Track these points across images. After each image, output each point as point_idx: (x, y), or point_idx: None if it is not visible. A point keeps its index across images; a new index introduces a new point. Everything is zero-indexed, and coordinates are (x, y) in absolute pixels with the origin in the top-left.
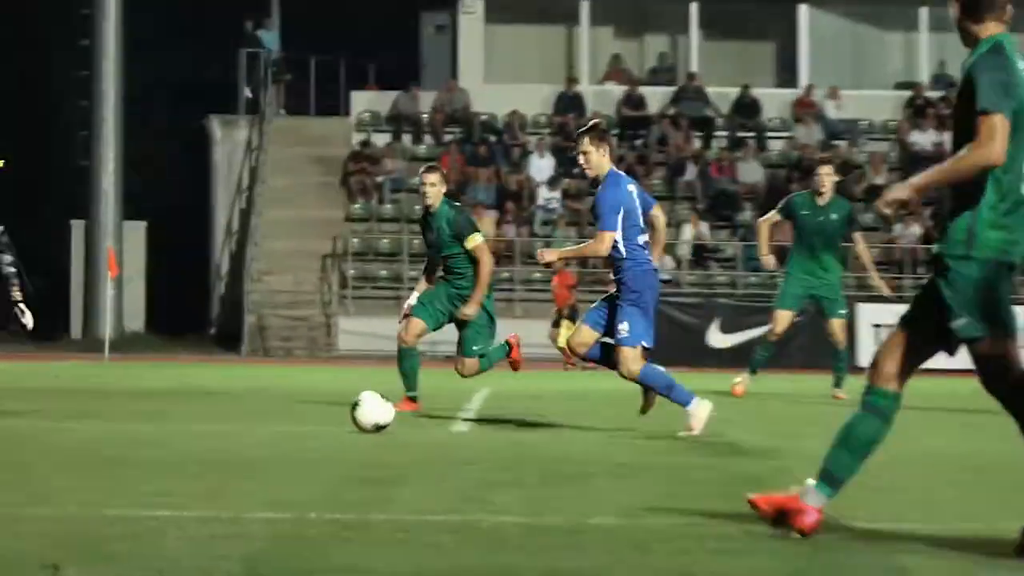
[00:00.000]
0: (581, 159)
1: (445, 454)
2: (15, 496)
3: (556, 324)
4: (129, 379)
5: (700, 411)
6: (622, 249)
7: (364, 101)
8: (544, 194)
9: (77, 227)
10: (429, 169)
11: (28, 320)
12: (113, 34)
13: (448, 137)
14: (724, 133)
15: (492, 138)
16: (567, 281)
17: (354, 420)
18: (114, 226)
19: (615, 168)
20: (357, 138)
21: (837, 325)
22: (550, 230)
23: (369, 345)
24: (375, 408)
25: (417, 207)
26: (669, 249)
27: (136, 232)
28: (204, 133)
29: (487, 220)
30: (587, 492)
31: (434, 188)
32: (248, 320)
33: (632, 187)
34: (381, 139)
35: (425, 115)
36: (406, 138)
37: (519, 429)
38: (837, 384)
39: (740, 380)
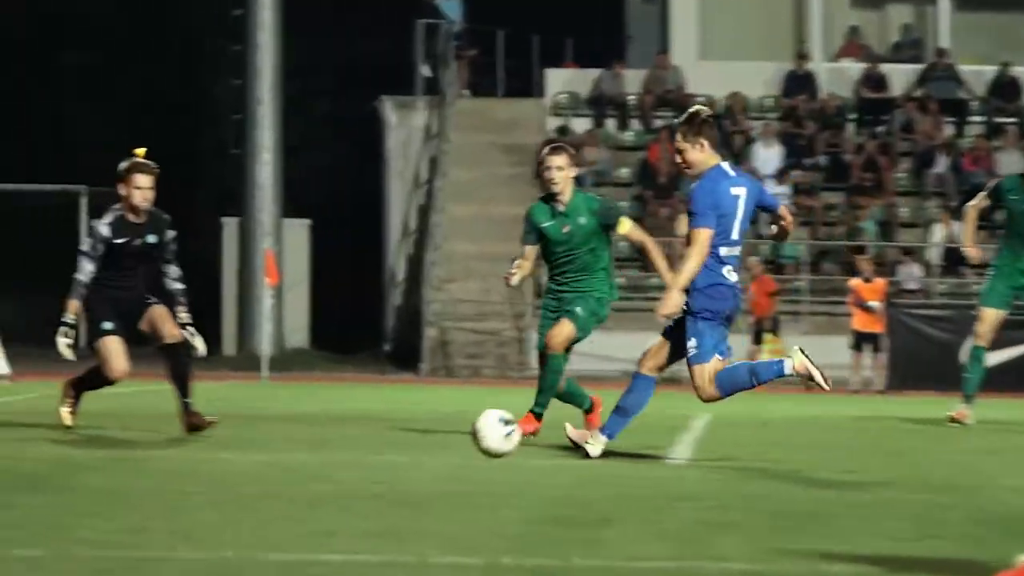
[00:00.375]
0: (677, 158)
1: (658, 490)
2: (164, 536)
3: (757, 340)
4: (290, 402)
5: (798, 360)
6: None
7: (561, 80)
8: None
9: (229, 225)
10: (555, 149)
11: (200, 345)
12: (270, 2)
13: (658, 123)
14: (980, 118)
15: None
16: (767, 288)
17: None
18: (273, 225)
19: (723, 164)
20: (552, 123)
21: None
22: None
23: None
24: (495, 436)
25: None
26: (917, 255)
27: (298, 232)
28: (376, 117)
29: None
30: (824, 535)
31: (563, 172)
32: (428, 334)
33: (739, 190)
34: (580, 124)
35: (631, 97)
36: (609, 123)
37: (745, 461)
38: None
39: (956, 413)
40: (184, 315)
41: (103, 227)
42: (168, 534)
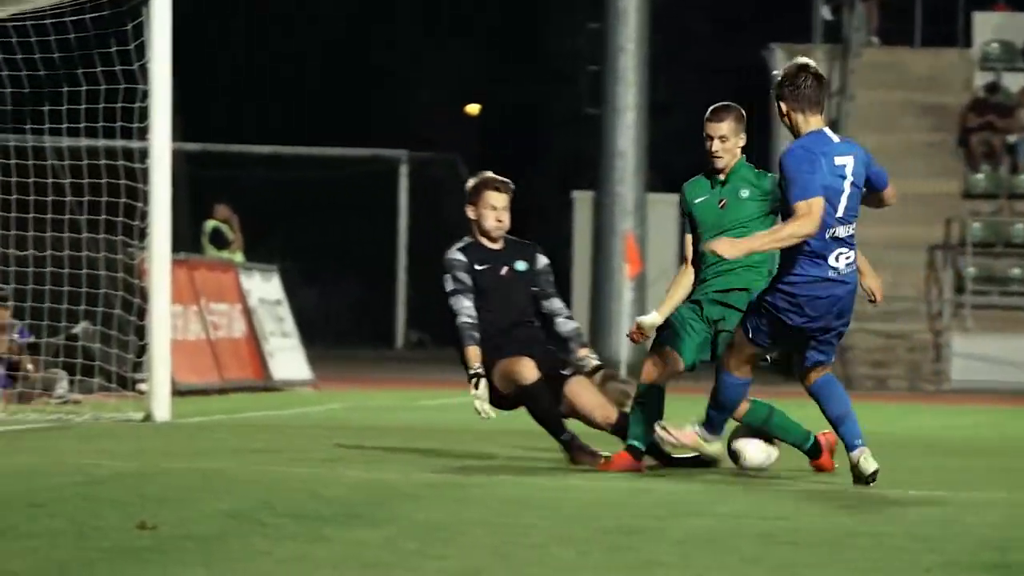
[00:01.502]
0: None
1: None
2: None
3: None
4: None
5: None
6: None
7: (990, 26)
8: None
9: (581, 201)
10: (718, 112)
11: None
12: None
13: None
14: None
15: None
16: None
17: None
18: (635, 201)
19: (826, 129)
20: (981, 79)
21: None
22: None
23: (995, 375)
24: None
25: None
26: None
27: (666, 210)
28: (764, 69)
29: None
30: None
31: (727, 143)
32: None
33: (845, 159)
34: (1014, 81)
35: None
36: None
37: None
38: None
39: None
40: (592, 359)
41: (455, 252)
42: (509, 575)
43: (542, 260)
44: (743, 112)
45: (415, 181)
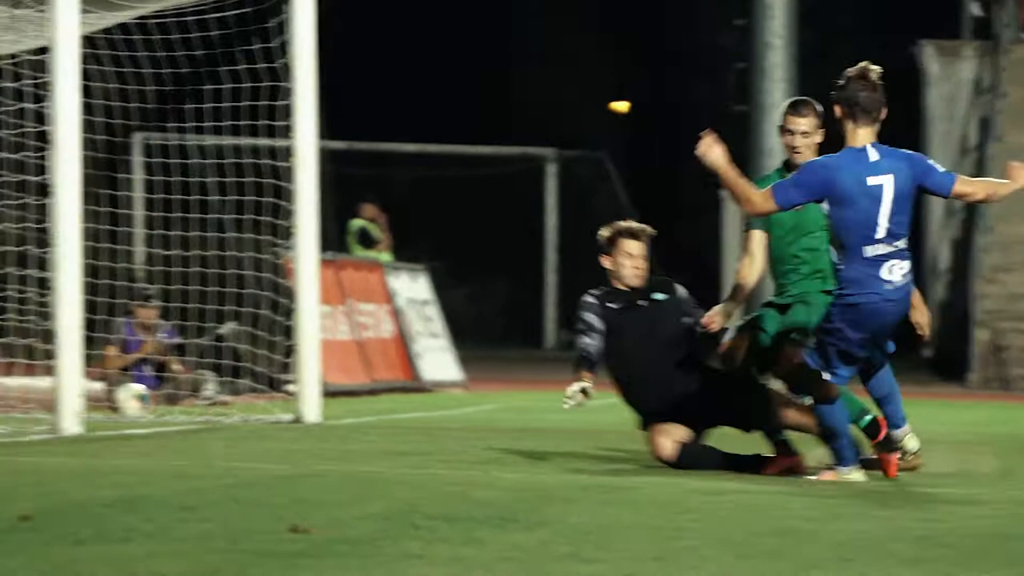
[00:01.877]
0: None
1: None
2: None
3: None
4: None
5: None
6: (834, 258)
7: None
8: None
9: (730, 199)
10: (798, 107)
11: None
12: None
13: None
14: None
15: None
16: None
17: None
18: None
19: (868, 147)
20: None
21: None
22: None
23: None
24: None
25: None
26: None
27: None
28: (913, 67)
29: None
30: None
31: (808, 139)
32: (978, 337)
33: (882, 178)
34: None
35: None
36: None
37: None
38: None
39: None
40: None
41: (588, 296)
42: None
43: (681, 290)
44: (821, 108)
45: (563, 179)
